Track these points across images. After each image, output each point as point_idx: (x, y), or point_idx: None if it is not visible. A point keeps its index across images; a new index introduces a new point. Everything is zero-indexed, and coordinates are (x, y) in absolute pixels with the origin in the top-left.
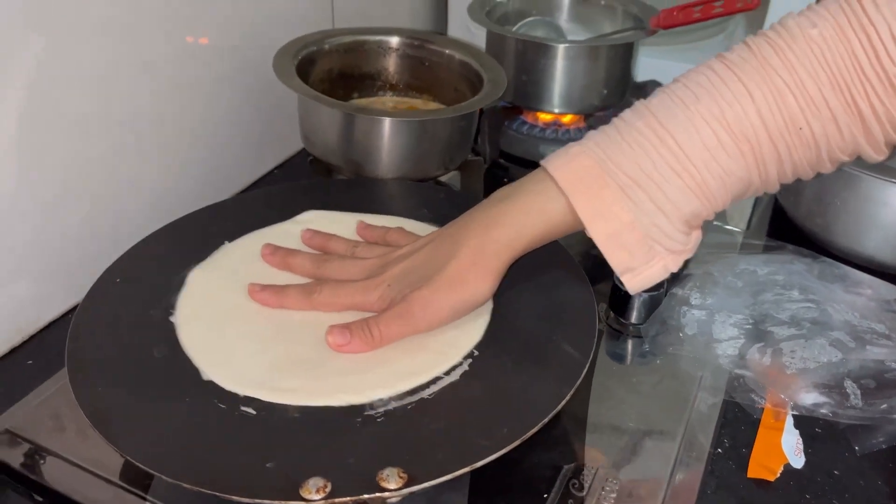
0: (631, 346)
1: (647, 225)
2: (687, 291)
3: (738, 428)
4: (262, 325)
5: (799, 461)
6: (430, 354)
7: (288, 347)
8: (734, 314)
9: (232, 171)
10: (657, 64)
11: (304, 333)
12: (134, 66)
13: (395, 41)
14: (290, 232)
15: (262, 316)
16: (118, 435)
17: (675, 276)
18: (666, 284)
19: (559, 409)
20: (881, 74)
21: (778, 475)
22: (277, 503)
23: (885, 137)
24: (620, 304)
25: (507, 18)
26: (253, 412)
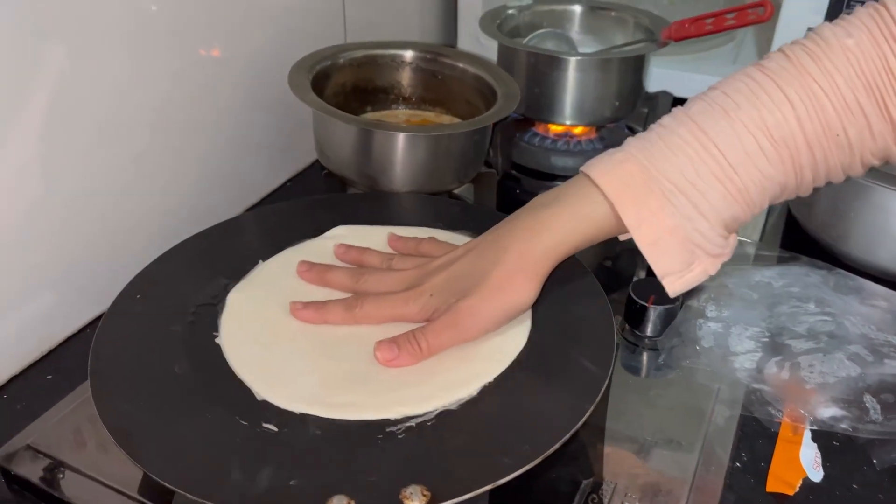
0: (647, 358)
1: (689, 230)
2: (702, 304)
3: (755, 441)
4: (307, 342)
5: (818, 475)
6: (479, 362)
7: (336, 363)
8: (750, 327)
9: (245, 184)
10: (667, 74)
11: (349, 348)
12: (152, 79)
13: (408, 55)
14: (322, 248)
15: (305, 333)
16: (141, 452)
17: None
18: (681, 296)
19: (580, 425)
20: None
21: (797, 489)
22: None
23: None
24: (636, 316)
25: (517, 31)
26: (275, 429)
